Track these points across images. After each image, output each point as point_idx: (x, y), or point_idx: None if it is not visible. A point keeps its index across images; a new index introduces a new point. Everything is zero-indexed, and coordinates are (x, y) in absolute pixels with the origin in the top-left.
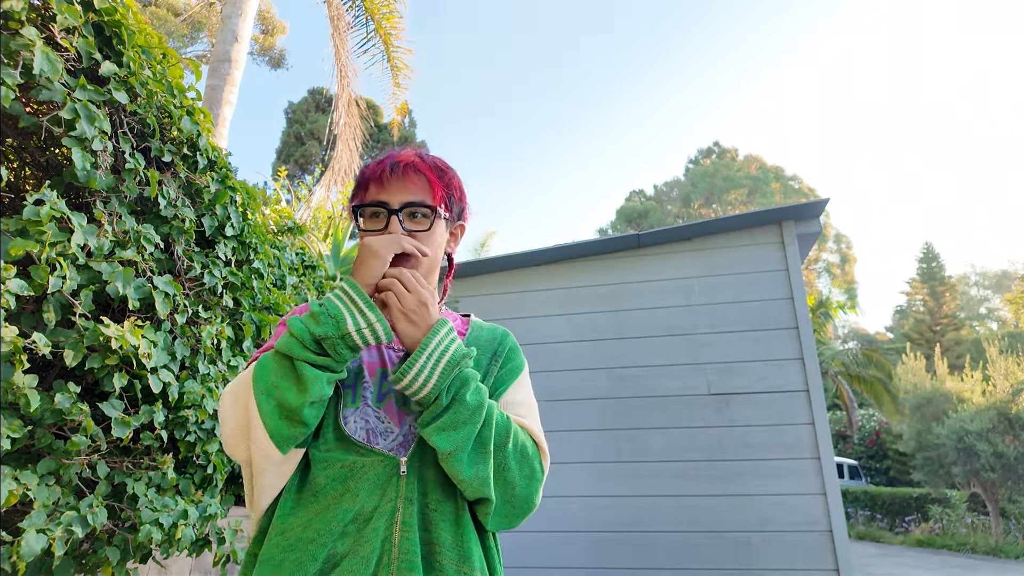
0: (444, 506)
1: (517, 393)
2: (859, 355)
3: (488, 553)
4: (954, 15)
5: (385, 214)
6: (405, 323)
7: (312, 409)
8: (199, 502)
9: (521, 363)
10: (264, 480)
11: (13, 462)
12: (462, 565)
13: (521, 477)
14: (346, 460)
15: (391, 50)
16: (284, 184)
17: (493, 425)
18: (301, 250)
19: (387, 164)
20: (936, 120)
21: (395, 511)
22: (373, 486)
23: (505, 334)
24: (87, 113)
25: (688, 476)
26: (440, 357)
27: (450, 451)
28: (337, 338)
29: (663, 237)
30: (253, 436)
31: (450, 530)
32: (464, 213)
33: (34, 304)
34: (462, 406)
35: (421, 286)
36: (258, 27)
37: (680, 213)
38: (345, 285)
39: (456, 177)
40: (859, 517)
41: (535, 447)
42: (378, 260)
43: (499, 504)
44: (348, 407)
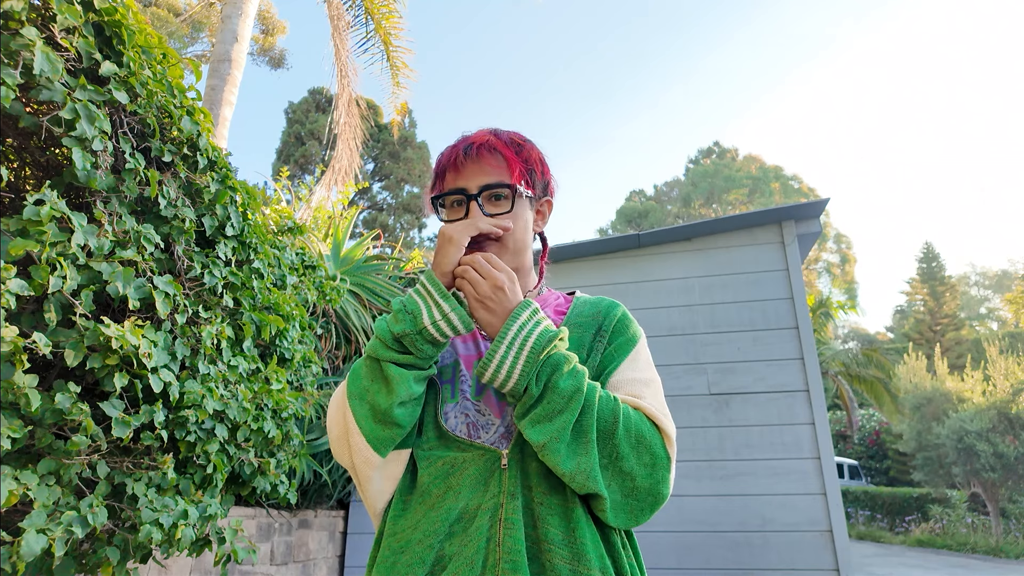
0: (551, 499)
1: (631, 370)
2: (859, 355)
3: (613, 551)
4: (954, 15)
5: (465, 201)
6: (482, 311)
7: (403, 409)
8: (199, 502)
9: (634, 336)
10: (373, 485)
11: (13, 462)
12: (577, 564)
13: (640, 466)
14: (447, 457)
15: (391, 50)
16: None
17: (595, 411)
18: (301, 250)
19: (460, 148)
20: (936, 120)
21: (498, 507)
22: (475, 482)
23: (612, 305)
24: (87, 113)
25: (688, 476)
26: (523, 344)
27: (544, 443)
28: (415, 333)
29: (663, 237)
30: (352, 442)
31: (560, 525)
32: (550, 187)
33: (34, 304)
34: (555, 394)
35: (497, 269)
36: (258, 27)
37: (680, 213)
38: (423, 277)
39: (535, 150)
40: (859, 517)
41: (654, 430)
42: (452, 246)
43: (618, 498)
44: (448, 403)
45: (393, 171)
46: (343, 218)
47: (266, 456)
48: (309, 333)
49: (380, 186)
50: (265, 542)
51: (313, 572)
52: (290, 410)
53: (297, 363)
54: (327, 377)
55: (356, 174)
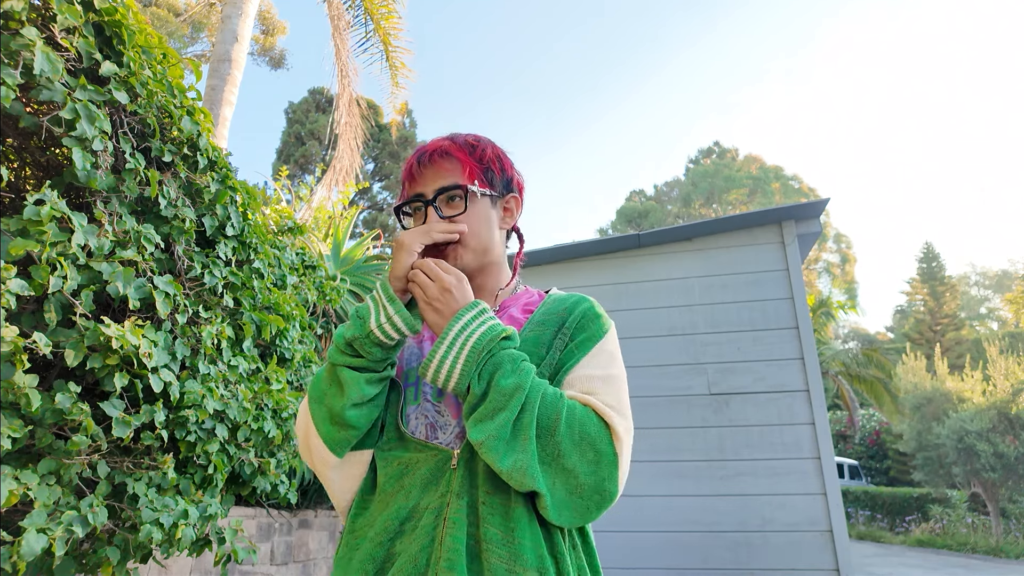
0: (493, 499)
1: (588, 366)
2: (859, 355)
3: (556, 551)
4: (954, 15)
5: (423, 206)
6: (431, 313)
7: (356, 411)
8: (199, 502)
9: (598, 331)
10: (331, 485)
11: (14, 462)
12: (513, 563)
13: (583, 463)
14: (403, 457)
15: (390, 50)
16: (285, 184)
17: (536, 408)
18: (301, 250)
19: (415, 157)
20: (936, 120)
21: (444, 507)
22: (426, 482)
23: (579, 301)
24: (87, 113)
25: (688, 476)
26: (465, 343)
27: (482, 441)
28: (363, 337)
29: (663, 237)
30: (312, 444)
31: (500, 524)
32: (515, 183)
33: (35, 304)
34: (497, 392)
35: (445, 272)
36: (258, 27)
37: (680, 213)
38: (378, 284)
39: (490, 148)
40: (859, 517)
41: (601, 427)
42: (404, 252)
43: (563, 496)
44: (410, 404)
45: (393, 171)
46: (343, 218)
47: (266, 456)
48: (309, 333)
49: (380, 186)
50: (265, 542)
51: (313, 572)
52: (290, 410)
53: (297, 363)
54: None
55: (357, 174)
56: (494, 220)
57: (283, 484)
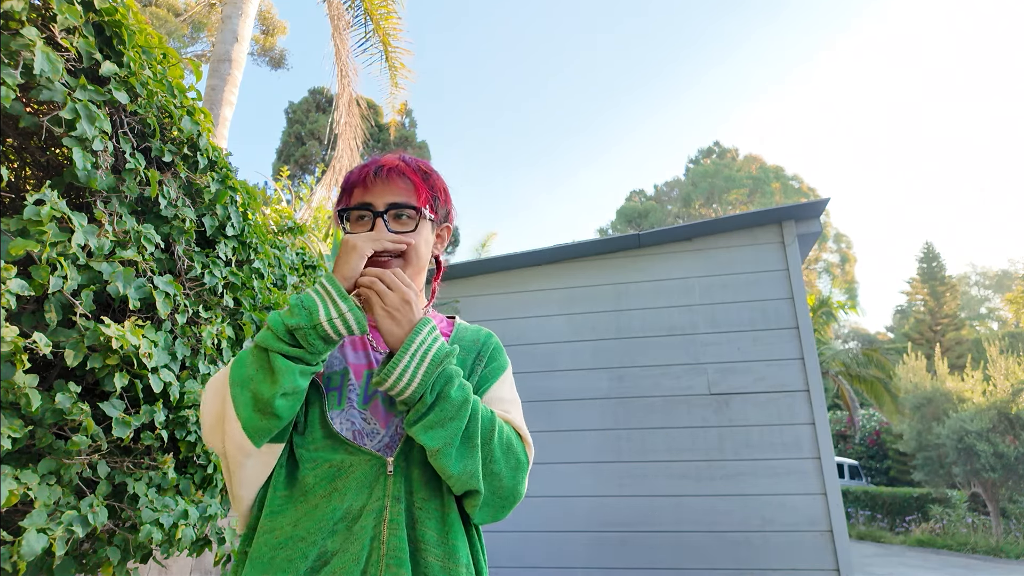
0: (429, 504)
1: (500, 390)
2: (859, 355)
3: (473, 548)
4: (954, 15)
5: (371, 216)
6: (388, 321)
7: (284, 401)
8: (199, 502)
9: (505, 362)
10: (243, 473)
11: (14, 462)
12: (448, 561)
13: (507, 468)
14: (334, 459)
15: (389, 50)
16: (285, 184)
17: (479, 420)
18: (301, 250)
19: (371, 168)
20: (936, 120)
21: (383, 509)
22: (361, 485)
23: (489, 335)
24: (87, 113)
25: (688, 476)
26: (424, 356)
27: (438, 448)
28: (309, 328)
29: (663, 237)
30: (227, 429)
31: (436, 527)
32: (450, 215)
33: (35, 304)
34: (447, 403)
35: (404, 284)
36: (258, 27)
37: (680, 213)
38: (323, 278)
39: (440, 180)
40: (860, 517)
41: (519, 439)
42: (355, 254)
43: (487, 496)
44: (333, 409)
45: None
46: None
47: None
48: None
49: None
50: None
51: None
52: None
53: None
54: None
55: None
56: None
57: None
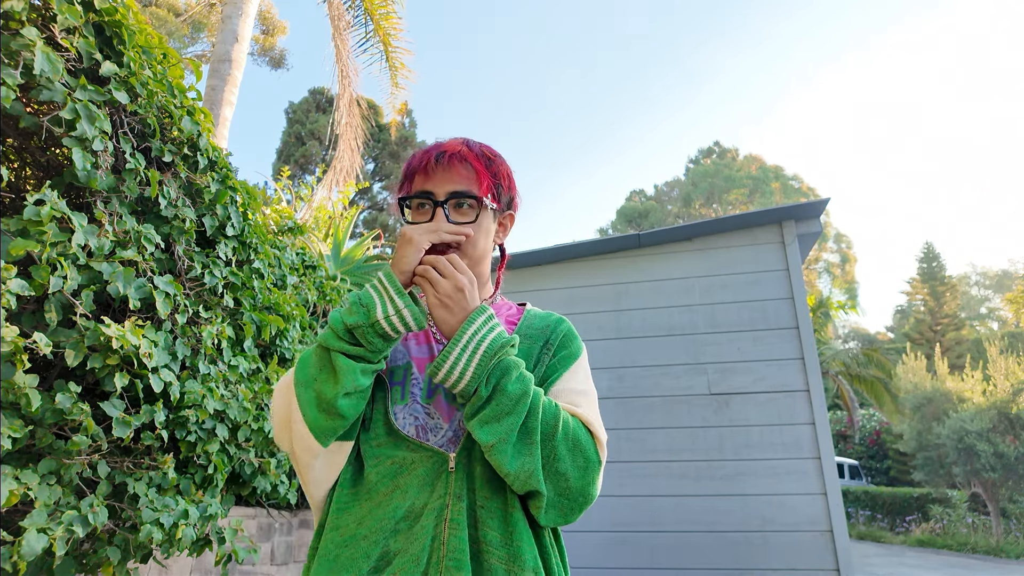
0: (492, 503)
1: (571, 381)
2: (860, 355)
3: (544, 552)
4: (954, 15)
5: (431, 205)
6: (441, 310)
7: (348, 400)
8: (200, 502)
9: (576, 350)
10: (312, 474)
11: (14, 462)
12: (512, 565)
13: (574, 468)
14: (396, 456)
15: (390, 51)
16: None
17: (539, 414)
18: (301, 250)
19: (432, 154)
20: (936, 120)
21: (444, 508)
22: (423, 483)
23: (559, 321)
24: (88, 113)
25: (688, 476)
26: (477, 346)
27: (492, 443)
28: (367, 326)
29: (663, 237)
30: (294, 430)
31: (498, 528)
32: (514, 202)
33: (35, 304)
34: (504, 396)
35: (459, 271)
36: (258, 27)
37: (680, 213)
38: (381, 274)
39: (504, 165)
40: (860, 517)
41: (588, 435)
42: (412, 247)
43: (552, 497)
44: (397, 404)
45: (393, 171)
46: (343, 218)
47: (266, 456)
48: (309, 333)
49: (380, 186)
50: (265, 542)
51: None
52: None
53: None
54: None
55: (357, 174)
56: (492, 233)
57: (283, 484)
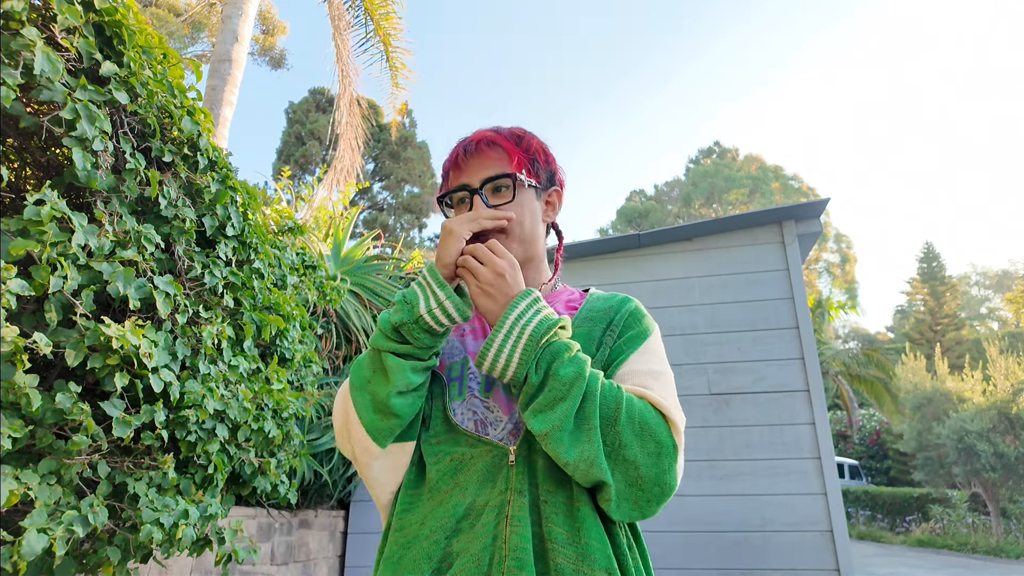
0: (555, 497)
1: (638, 362)
2: (860, 355)
3: (619, 550)
4: (954, 15)
5: (469, 197)
6: (483, 298)
7: (401, 399)
8: (200, 502)
9: (645, 330)
10: (372, 475)
11: (14, 461)
12: (581, 564)
13: (644, 454)
14: (455, 452)
15: (390, 50)
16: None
17: (597, 398)
18: (302, 250)
19: (460, 147)
20: (936, 120)
21: (505, 504)
22: (483, 479)
23: (624, 300)
24: (88, 113)
25: (688, 476)
26: (522, 332)
27: (546, 432)
28: (412, 322)
29: (663, 237)
30: (352, 433)
31: (564, 523)
32: (557, 177)
33: (35, 304)
34: (556, 381)
35: (499, 256)
36: (259, 27)
37: (680, 213)
38: (425, 270)
39: (535, 140)
40: (860, 517)
41: (659, 418)
42: (452, 239)
43: (623, 488)
44: (455, 399)
45: (393, 171)
46: (343, 218)
47: (266, 456)
48: (309, 333)
49: (380, 186)
50: (265, 542)
51: (313, 572)
52: (290, 410)
53: (297, 363)
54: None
55: (358, 174)
56: (538, 212)
57: (283, 484)
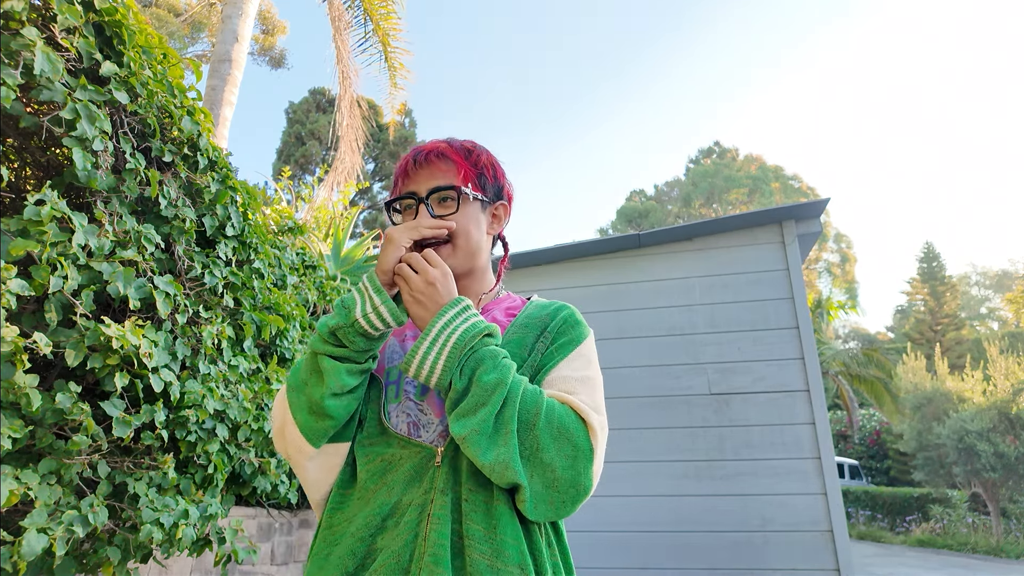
0: (476, 496)
1: (567, 368)
2: (860, 355)
3: (534, 548)
4: (954, 15)
5: (415, 204)
6: (415, 306)
7: (335, 401)
8: (200, 502)
9: (578, 336)
10: (306, 475)
11: (14, 461)
12: (495, 560)
13: (560, 457)
14: (386, 454)
15: (389, 51)
16: (285, 184)
17: (517, 403)
18: (302, 250)
19: (412, 157)
20: (936, 120)
21: (427, 503)
22: (410, 478)
23: (560, 308)
24: (88, 113)
25: (689, 476)
26: (447, 339)
27: (465, 435)
28: (347, 326)
29: (663, 237)
30: (287, 433)
31: (482, 521)
32: (505, 191)
33: (35, 304)
34: (479, 387)
35: (433, 265)
36: (259, 27)
37: (680, 213)
38: (364, 277)
39: (485, 154)
40: (860, 517)
41: (579, 422)
42: (392, 247)
43: (539, 490)
44: (391, 402)
45: (393, 171)
46: (343, 218)
47: (267, 456)
48: (309, 333)
49: (380, 186)
50: (266, 542)
51: None
52: None
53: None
54: None
55: (358, 174)
56: (483, 224)
57: (283, 484)
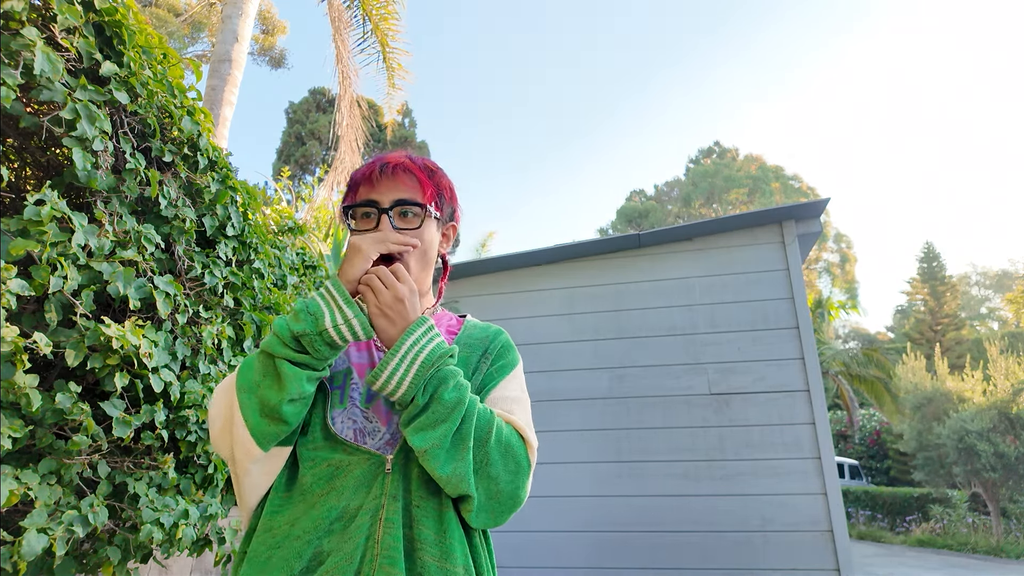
0: (427, 503)
1: (506, 389)
2: (860, 355)
3: (474, 551)
4: (954, 15)
5: (376, 214)
6: (381, 320)
7: (292, 407)
8: (200, 502)
9: (513, 360)
10: (249, 479)
11: (14, 461)
12: (444, 562)
13: (505, 472)
14: (333, 459)
15: (387, 51)
16: (286, 184)
17: (474, 420)
18: (302, 250)
19: (377, 165)
20: (936, 120)
21: (379, 508)
22: (359, 484)
23: (498, 332)
24: (88, 113)
25: (689, 476)
26: (416, 357)
27: (426, 449)
28: (315, 334)
29: (663, 237)
30: (235, 434)
31: (433, 527)
32: (456, 214)
33: (35, 304)
34: (439, 405)
35: (401, 281)
36: (259, 27)
37: (681, 213)
38: (328, 283)
39: (445, 177)
40: (860, 517)
41: (521, 441)
42: (360, 257)
43: (483, 500)
44: (336, 408)
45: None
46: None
47: None
48: None
49: None
50: None
51: None
52: None
53: None
54: None
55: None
56: (436, 243)
57: None
